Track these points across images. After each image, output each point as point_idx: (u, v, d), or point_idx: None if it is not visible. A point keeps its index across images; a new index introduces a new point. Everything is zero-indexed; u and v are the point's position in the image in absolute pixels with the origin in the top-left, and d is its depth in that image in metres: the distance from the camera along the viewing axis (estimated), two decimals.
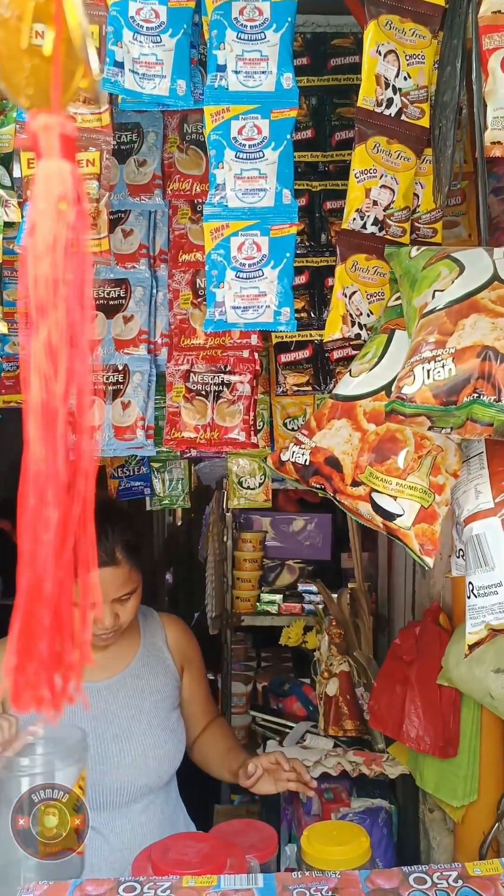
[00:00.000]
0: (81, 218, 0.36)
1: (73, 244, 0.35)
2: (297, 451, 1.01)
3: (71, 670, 0.36)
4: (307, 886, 1.13)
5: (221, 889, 1.13)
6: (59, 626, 0.35)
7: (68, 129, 0.35)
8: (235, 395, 1.62)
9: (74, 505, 0.36)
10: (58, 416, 0.35)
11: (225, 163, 1.04)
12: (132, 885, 1.14)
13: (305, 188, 1.66)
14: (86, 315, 0.36)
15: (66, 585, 0.36)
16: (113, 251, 1.61)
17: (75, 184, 0.35)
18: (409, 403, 0.79)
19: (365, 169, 1.06)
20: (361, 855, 1.32)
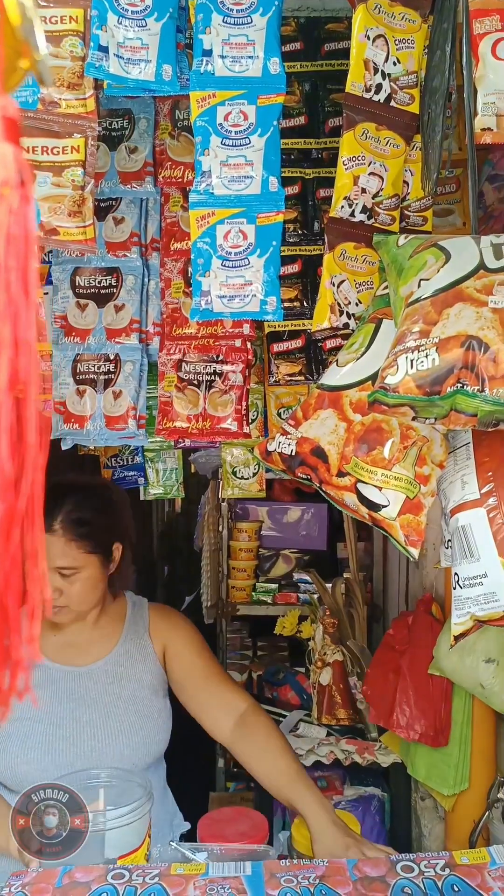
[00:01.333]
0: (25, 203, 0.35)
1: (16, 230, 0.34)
2: (284, 442, 1.00)
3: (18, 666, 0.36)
4: (295, 874, 1.14)
5: (210, 876, 1.14)
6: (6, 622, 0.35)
7: (11, 110, 0.34)
8: (227, 384, 1.61)
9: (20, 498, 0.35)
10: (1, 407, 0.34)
11: (211, 149, 1.02)
12: (121, 872, 1.14)
13: (298, 175, 1.65)
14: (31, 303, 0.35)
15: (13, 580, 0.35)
16: (104, 239, 1.60)
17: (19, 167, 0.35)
18: (392, 393, 0.78)
19: (353, 156, 1.05)
20: None
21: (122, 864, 1.19)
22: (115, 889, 1.08)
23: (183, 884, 1.10)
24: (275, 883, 1.10)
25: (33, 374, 0.36)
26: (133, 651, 1.61)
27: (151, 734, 1.56)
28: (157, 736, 1.57)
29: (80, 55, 1.00)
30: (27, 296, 0.35)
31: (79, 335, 1.62)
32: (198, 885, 1.10)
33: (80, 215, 0.98)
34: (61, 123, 0.97)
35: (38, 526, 0.36)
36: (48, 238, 0.96)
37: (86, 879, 1.12)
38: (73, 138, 0.98)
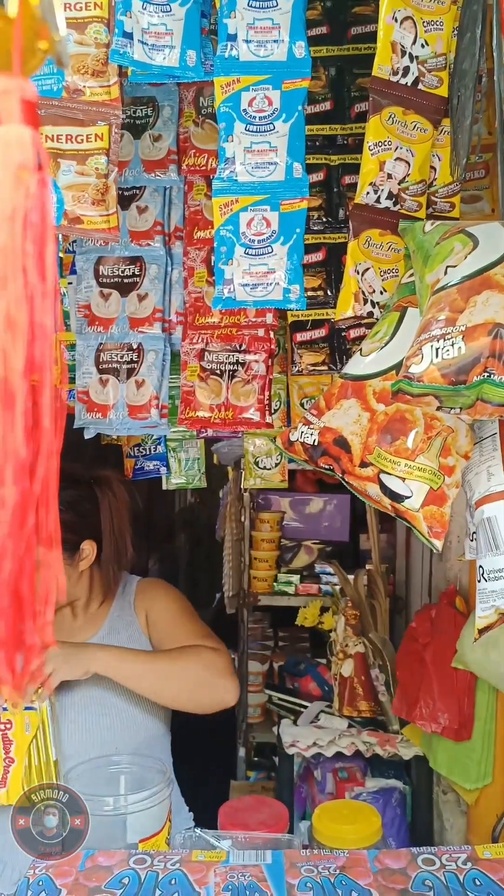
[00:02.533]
0: (43, 186, 0.35)
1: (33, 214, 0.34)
2: (306, 431, 0.99)
3: (32, 651, 0.36)
4: (315, 864, 1.14)
5: (230, 864, 1.14)
6: (20, 607, 0.35)
7: (29, 93, 0.34)
8: (250, 374, 1.60)
9: (35, 483, 0.35)
10: (16, 393, 0.34)
11: (235, 136, 1.01)
12: (143, 857, 1.15)
13: (323, 162, 1.63)
14: (47, 289, 0.35)
15: (27, 565, 0.35)
16: (127, 228, 1.60)
17: (37, 150, 0.34)
18: (416, 383, 0.77)
19: (379, 141, 1.03)
20: (372, 834, 1.32)
21: (144, 849, 1.20)
22: (136, 874, 1.10)
23: (203, 870, 1.11)
24: (295, 872, 1.11)
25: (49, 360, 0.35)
26: (119, 627, 1.60)
27: (138, 716, 1.53)
28: (143, 717, 1.53)
29: (104, 42, 1.00)
30: (44, 281, 0.35)
31: (102, 324, 1.62)
32: (218, 871, 1.11)
33: (103, 203, 0.97)
34: (85, 111, 0.97)
35: (53, 511, 0.36)
36: (71, 227, 0.96)
37: (108, 863, 1.13)
38: (97, 126, 0.98)
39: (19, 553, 0.35)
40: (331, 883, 1.08)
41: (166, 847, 1.27)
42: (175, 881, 1.08)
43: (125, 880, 1.08)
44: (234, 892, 1.05)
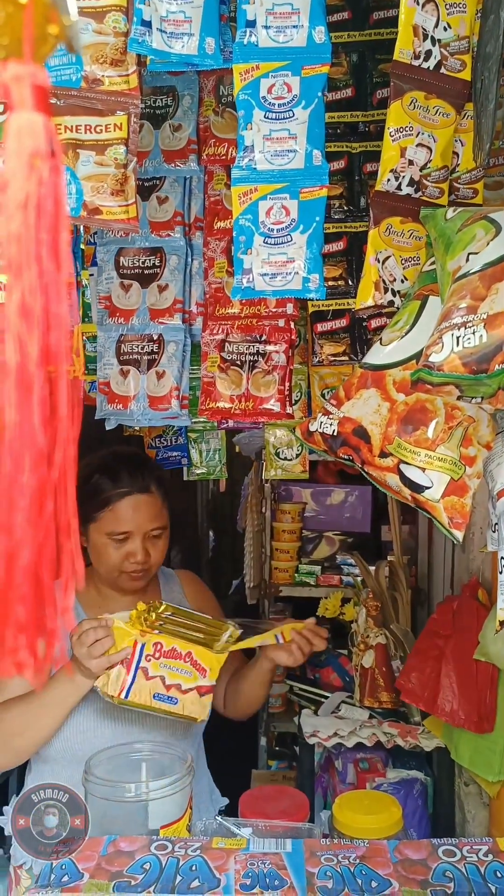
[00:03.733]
0: (56, 173, 0.35)
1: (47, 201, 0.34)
2: (326, 422, 0.99)
3: (53, 636, 0.36)
4: (335, 853, 1.14)
5: (250, 851, 1.15)
6: (40, 593, 0.35)
7: (41, 79, 0.34)
8: (271, 364, 1.60)
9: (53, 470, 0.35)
10: (33, 380, 0.34)
11: (254, 123, 1.00)
12: (164, 843, 1.17)
13: (345, 150, 1.61)
14: (62, 276, 0.35)
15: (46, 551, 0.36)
16: (148, 219, 1.61)
17: (49, 137, 0.34)
18: (436, 372, 0.76)
19: (400, 126, 1.01)
20: (393, 825, 1.32)
21: (165, 835, 1.22)
22: (157, 859, 1.11)
23: (224, 857, 1.12)
24: (315, 861, 1.11)
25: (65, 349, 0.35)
26: None
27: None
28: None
29: (122, 31, 1.00)
30: (58, 269, 0.35)
31: (123, 316, 1.63)
32: (238, 859, 1.11)
33: (122, 194, 0.97)
34: (104, 101, 0.97)
35: (71, 498, 0.37)
36: (91, 217, 0.97)
37: (130, 849, 1.14)
38: (116, 116, 0.97)
39: (39, 539, 0.35)
40: (350, 872, 1.08)
41: (187, 834, 1.28)
42: (196, 867, 1.09)
43: (146, 866, 1.09)
44: (253, 879, 1.06)
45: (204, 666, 1.41)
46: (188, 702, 1.42)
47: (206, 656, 1.43)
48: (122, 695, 1.36)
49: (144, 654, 1.37)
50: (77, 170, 0.96)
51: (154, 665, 1.38)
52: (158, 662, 1.38)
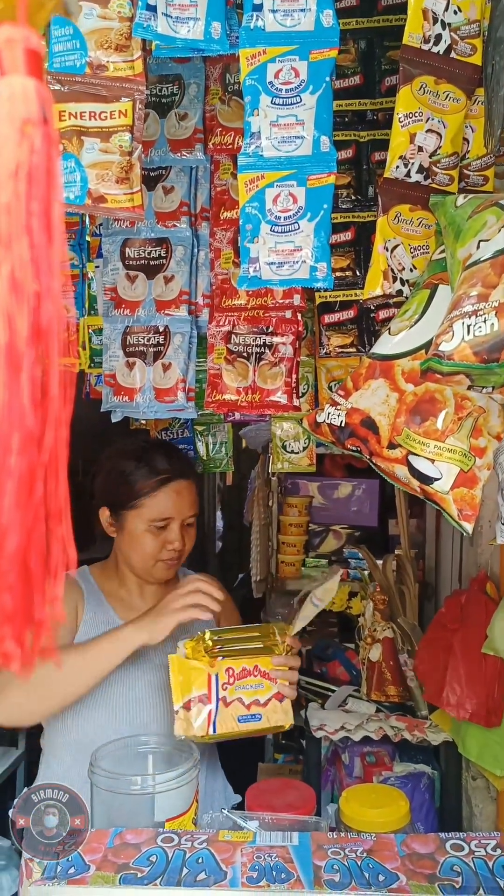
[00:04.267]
0: (48, 142, 0.33)
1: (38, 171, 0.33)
2: (333, 413, 0.98)
3: (42, 626, 0.35)
4: (342, 847, 1.14)
5: (257, 844, 1.14)
6: (28, 581, 0.34)
7: (34, 42, 0.32)
8: (277, 356, 1.59)
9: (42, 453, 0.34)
10: (23, 359, 0.32)
11: (260, 109, 0.99)
12: (170, 836, 1.16)
13: (352, 138, 1.59)
14: (54, 247, 0.34)
15: (35, 538, 0.35)
16: (154, 209, 1.59)
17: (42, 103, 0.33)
18: (446, 361, 0.75)
19: (410, 112, 1.00)
20: (400, 819, 1.32)
21: (171, 828, 1.21)
22: (164, 852, 1.10)
23: (230, 850, 1.12)
24: (321, 854, 1.10)
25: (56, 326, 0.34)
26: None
27: None
28: None
29: (127, 16, 0.98)
30: (50, 242, 0.34)
31: (128, 307, 1.62)
32: (245, 851, 1.11)
33: (127, 182, 0.96)
34: (108, 87, 0.96)
35: (62, 482, 0.35)
36: (96, 206, 0.95)
37: (136, 841, 1.14)
38: (121, 102, 0.96)
39: (27, 525, 0.34)
40: (357, 866, 1.08)
41: (193, 827, 1.28)
42: (202, 860, 1.08)
43: (153, 858, 1.09)
44: (260, 872, 1.05)
45: (272, 672, 1.40)
46: (270, 712, 1.41)
47: (271, 664, 1.41)
48: (210, 731, 1.35)
49: (220, 684, 1.36)
50: (81, 157, 0.95)
51: (230, 691, 1.37)
52: (233, 686, 1.37)
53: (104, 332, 1.66)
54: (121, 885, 1.03)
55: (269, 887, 1.02)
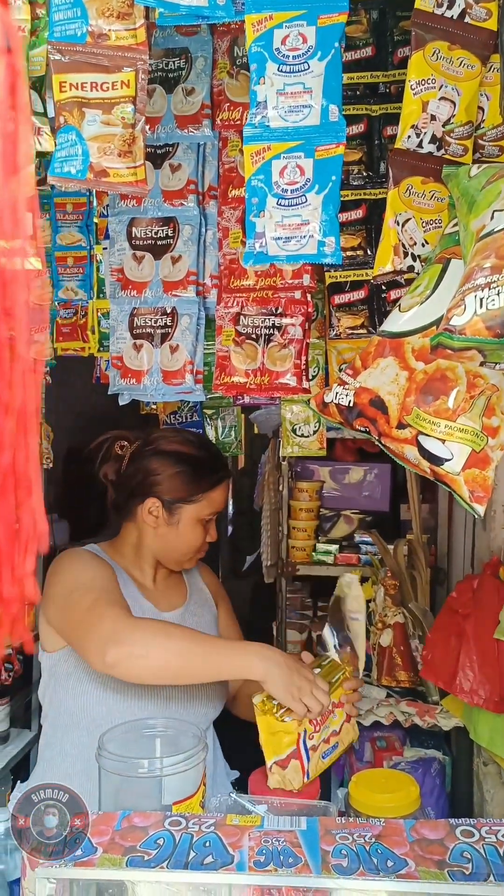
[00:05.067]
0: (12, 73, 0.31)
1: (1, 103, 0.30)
2: (341, 392, 0.95)
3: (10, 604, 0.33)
4: (350, 832, 1.13)
5: (265, 829, 1.14)
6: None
7: None
8: (287, 338, 1.56)
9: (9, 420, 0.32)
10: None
11: (267, 77, 0.95)
12: (177, 819, 1.16)
13: (364, 113, 1.55)
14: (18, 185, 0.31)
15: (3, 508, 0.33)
16: (160, 188, 1.56)
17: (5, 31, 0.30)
18: (458, 336, 0.72)
19: (422, 79, 0.96)
20: (410, 804, 1.31)
21: (178, 811, 1.21)
22: (171, 835, 1.10)
23: (238, 834, 1.11)
24: (330, 839, 1.09)
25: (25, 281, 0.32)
26: (201, 602, 1.65)
27: (221, 690, 1.58)
28: (223, 693, 1.59)
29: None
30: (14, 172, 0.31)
31: (135, 288, 1.60)
32: (253, 836, 1.10)
33: (130, 155, 0.93)
34: (110, 57, 0.93)
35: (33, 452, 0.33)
36: (98, 180, 0.93)
37: (143, 824, 1.14)
38: (123, 72, 0.93)
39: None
40: (366, 851, 1.06)
41: (200, 810, 1.28)
42: (209, 843, 1.08)
43: (160, 841, 1.08)
44: (267, 856, 1.04)
45: (340, 702, 1.42)
46: (343, 736, 1.45)
47: (338, 695, 1.43)
48: (305, 779, 1.38)
49: (307, 735, 1.38)
50: (83, 130, 0.92)
51: (316, 738, 1.40)
52: (318, 733, 1.39)
53: (111, 314, 1.64)
54: (128, 868, 1.02)
55: (277, 871, 1.01)
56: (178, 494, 1.52)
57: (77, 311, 2.12)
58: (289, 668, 1.32)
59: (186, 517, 1.52)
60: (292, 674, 1.32)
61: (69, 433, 4.80)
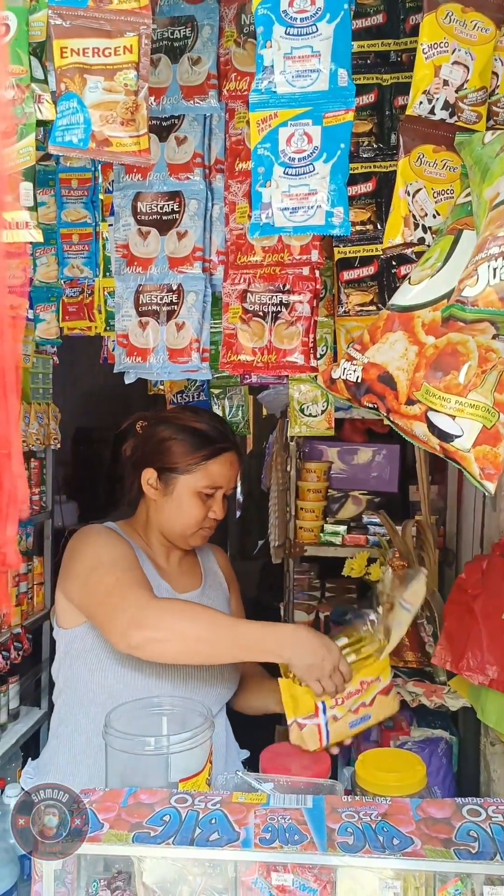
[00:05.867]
0: None
1: None
2: (349, 368, 0.93)
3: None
4: (356, 810, 1.12)
5: (270, 806, 1.14)
6: None
7: None
8: (294, 315, 1.53)
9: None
10: None
11: (273, 41, 0.92)
12: (183, 796, 1.16)
13: (374, 82, 1.51)
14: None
15: None
16: (166, 161, 1.53)
17: None
18: (469, 307, 0.69)
19: (434, 42, 0.92)
20: (416, 783, 1.31)
21: (184, 788, 1.21)
22: (177, 812, 1.10)
23: (244, 811, 1.11)
24: (336, 817, 1.09)
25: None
26: (215, 585, 1.64)
27: (236, 670, 1.58)
28: (235, 675, 1.59)
29: None
30: None
31: (141, 265, 1.57)
32: (258, 813, 1.10)
33: (133, 124, 0.91)
34: (112, 21, 0.90)
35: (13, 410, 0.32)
36: (100, 150, 0.91)
37: (150, 801, 1.14)
38: (126, 37, 0.90)
39: None
40: (372, 829, 1.06)
41: (207, 787, 1.28)
42: (215, 820, 1.08)
43: (166, 818, 1.09)
44: (273, 833, 1.05)
45: (375, 677, 1.43)
46: (377, 708, 1.45)
47: (371, 670, 1.43)
48: (323, 743, 1.41)
49: (327, 708, 1.40)
50: (84, 97, 0.90)
51: (339, 709, 1.41)
52: (342, 706, 1.41)
53: (116, 291, 1.62)
54: (134, 844, 1.03)
55: (282, 849, 1.01)
56: (170, 464, 1.51)
57: (83, 289, 2.10)
58: (313, 653, 1.33)
59: (181, 488, 1.50)
60: (317, 656, 1.33)
61: (77, 415, 4.79)
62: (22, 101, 0.89)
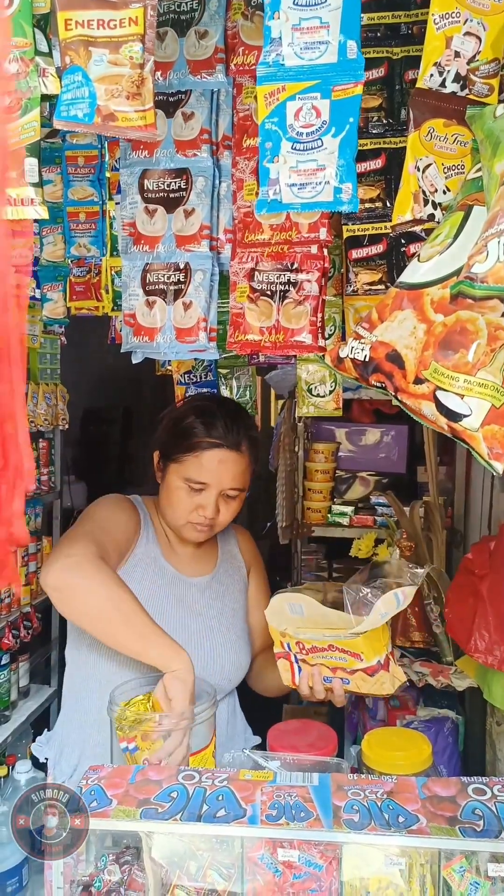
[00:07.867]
0: None
1: None
2: (357, 347, 0.92)
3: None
4: (362, 788, 1.13)
5: (277, 784, 1.15)
6: None
7: None
8: (302, 294, 1.52)
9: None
10: None
11: (281, 11, 0.90)
12: (191, 773, 1.18)
13: (384, 56, 1.47)
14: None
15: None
16: (173, 137, 1.51)
17: None
18: (479, 284, 0.68)
19: (446, 12, 0.90)
20: (422, 761, 1.32)
21: (190, 764, 1.23)
22: (184, 788, 1.12)
23: (251, 789, 1.12)
24: (342, 795, 1.10)
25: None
26: (232, 570, 1.65)
27: (246, 655, 1.59)
28: (247, 658, 1.60)
29: None
30: None
31: (147, 243, 1.56)
32: (265, 790, 1.11)
33: (139, 98, 0.89)
34: None
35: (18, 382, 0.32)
36: (105, 124, 0.89)
37: (157, 778, 1.15)
38: (131, 8, 0.88)
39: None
40: (377, 807, 1.07)
41: (212, 762, 1.29)
42: (222, 797, 1.09)
43: (174, 794, 1.10)
44: (279, 810, 1.06)
45: (354, 651, 1.39)
46: (359, 681, 1.43)
47: (351, 644, 1.40)
48: (295, 681, 1.42)
49: (293, 651, 1.40)
50: (89, 70, 0.88)
51: (309, 658, 1.40)
52: (312, 656, 1.40)
53: (123, 270, 1.60)
54: (141, 819, 1.04)
55: (289, 825, 1.02)
56: (164, 449, 1.52)
57: (90, 269, 2.08)
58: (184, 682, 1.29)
59: (170, 475, 1.51)
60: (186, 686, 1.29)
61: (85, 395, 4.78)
62: (26, 74, 0.87)
